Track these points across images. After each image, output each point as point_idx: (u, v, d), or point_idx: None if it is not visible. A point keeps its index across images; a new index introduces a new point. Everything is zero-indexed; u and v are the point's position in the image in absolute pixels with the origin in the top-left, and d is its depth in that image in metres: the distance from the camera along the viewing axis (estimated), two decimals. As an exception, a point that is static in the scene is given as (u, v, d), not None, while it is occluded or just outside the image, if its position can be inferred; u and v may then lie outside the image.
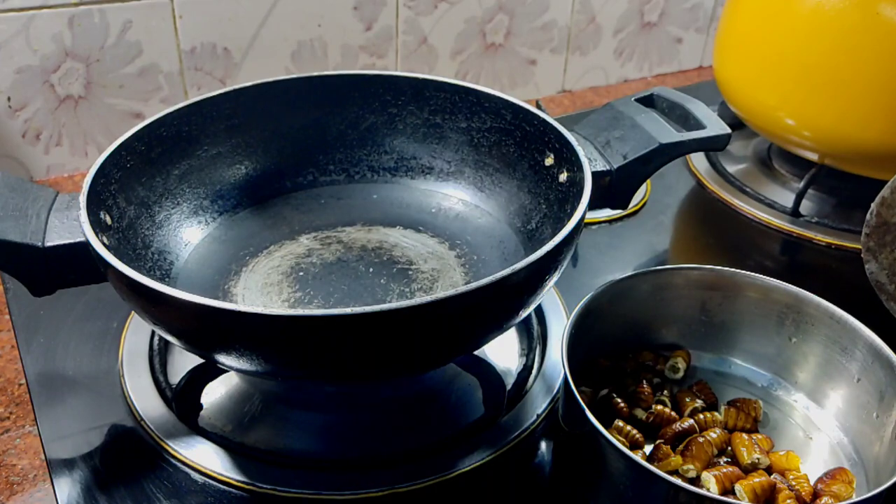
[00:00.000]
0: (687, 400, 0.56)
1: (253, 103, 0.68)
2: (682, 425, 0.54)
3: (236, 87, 0.67)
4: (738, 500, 0.49)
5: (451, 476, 0.52)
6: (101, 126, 0.83)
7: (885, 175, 0.76)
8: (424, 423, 0.56)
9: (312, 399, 0.57)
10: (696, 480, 0.51)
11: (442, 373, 0.59)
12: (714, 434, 0.53)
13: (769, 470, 0.52)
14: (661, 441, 0.53)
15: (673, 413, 0.55)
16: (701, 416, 0.55)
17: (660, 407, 0.55)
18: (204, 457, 0.52)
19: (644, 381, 0.57)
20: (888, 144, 0.72)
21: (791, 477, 0.51)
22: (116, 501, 0.50)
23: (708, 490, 0.49)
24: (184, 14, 0.81)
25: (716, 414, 0.55)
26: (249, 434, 0.54)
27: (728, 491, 0.49)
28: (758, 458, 0.51)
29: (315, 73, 0.70)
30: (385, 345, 0.46)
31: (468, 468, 0.52)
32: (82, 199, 0.52)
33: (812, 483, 0.51)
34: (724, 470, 0.50)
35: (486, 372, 0.56)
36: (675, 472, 0.51)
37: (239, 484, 0.51)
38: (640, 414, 0.55)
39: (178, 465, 0.52)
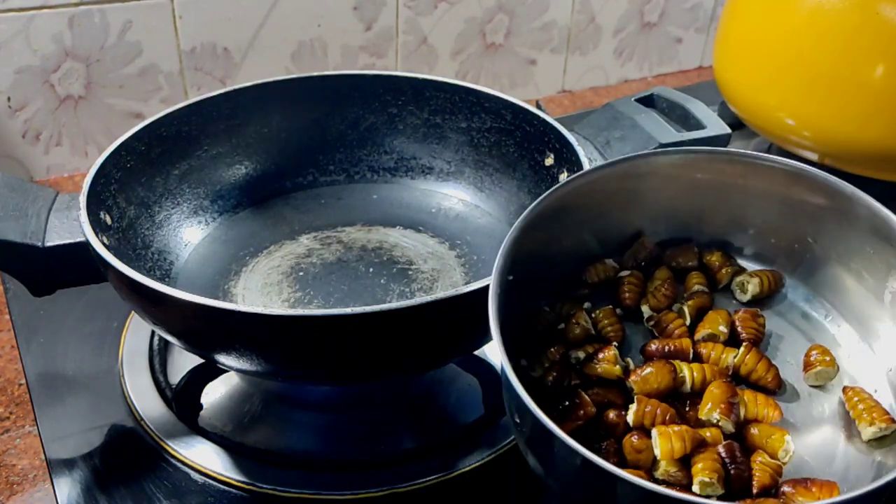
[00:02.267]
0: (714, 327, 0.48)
1: (253, 103, 0.68)
2: (671, 346, 0.46)
3: (236, 87, 0.67)
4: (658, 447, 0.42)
5: (451, 476, 0.52)
6: (101, 126, 0.83)
7: (885, 175, 0.76)
8: (424, 423, 0.56)
9: (312, 399, 0.58)
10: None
11: (442, 373, 0.59)
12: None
13: (736, 438, 0.44)
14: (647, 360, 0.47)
15: (680, 328, 0.47)
16: (710, 346, 0.47)
17: (672, 314, 0.47)
18: (204, 457, 0.52)
19: (687, 280, 0.50)
20: (888, 144, 0.72)
21: (759, 459, 0.43)
22: (116, 501, 0.49)
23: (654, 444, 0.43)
24: (184, 14, 0.81)
25: (730, 353, 0.47)
26: (249, 434, 0.54)
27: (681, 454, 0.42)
28: (717, 419, 0.44)
29: (315, 74, 0.70)
30: (385, 345, 0.46)
31: (468, 468, 0.52)
32: (82, 199, 0.52)
33: (781, 478, 0.43)
34: (675, 428, 0.43)
35: (486, 372, 0.56)
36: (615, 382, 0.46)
37: (239, 484, 0.51)
38: (646, 309, 0.49)
39: (178, 465, 0.52)
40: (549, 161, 0.63)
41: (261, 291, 0.60)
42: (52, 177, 0.84)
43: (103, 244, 0.49)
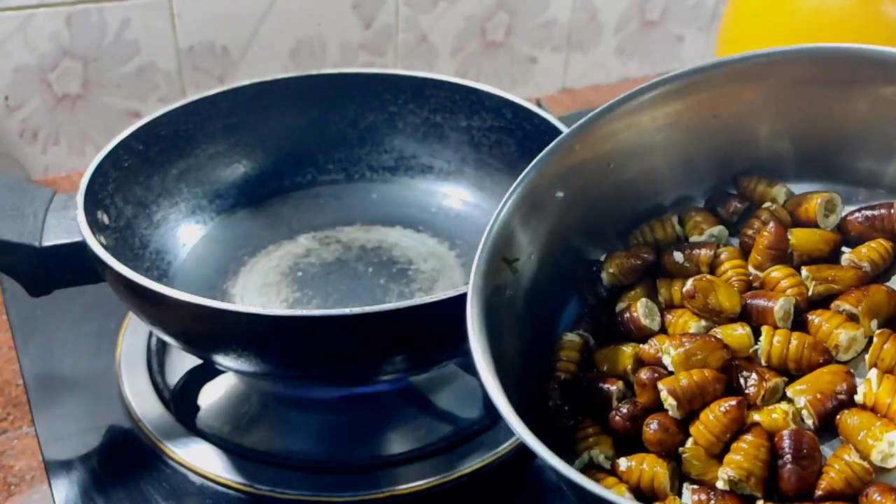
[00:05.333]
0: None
1: (251, 102, 0.68)
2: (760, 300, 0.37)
3: (234, 85, 0.67)
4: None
5: (451, 477, 0.51)
6: (99, 125, 0.83)
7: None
8: (424, 424, 0.55)
9: (311, 400, 0.57)
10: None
11: (442, 373, 0.58)
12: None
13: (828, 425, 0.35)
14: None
15: (794, 287, 0.38)
16: (826, 315, 0.36)
17: (788, 270, 0.37)
18: (202, 458, 0.52)
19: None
20: (890, 143, 0.72)
21: (844, 457, 0.33)
22: (114, 503, 0.49)
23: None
24: (182, 13, 0.81)
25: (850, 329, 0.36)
26: (247, 435, 0.54)
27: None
28: (802, 405, 0.35)
29: (314, 72, 0.69)
30: (384, 345, 0.46)
31: (468, 469, 0.52)
32: (80, 198, 0.52)
33: (866, 486, 0.33)
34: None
35: (487, 372, 0.56)
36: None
37: (237, 485, 0.50)
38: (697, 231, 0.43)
39: (176, 466, 0.52)
40: (550, 160, 0.63)
41: (259, 291, 0.60)
42: (49, 176, 0.84)
43: (101, 244, 0.49)
